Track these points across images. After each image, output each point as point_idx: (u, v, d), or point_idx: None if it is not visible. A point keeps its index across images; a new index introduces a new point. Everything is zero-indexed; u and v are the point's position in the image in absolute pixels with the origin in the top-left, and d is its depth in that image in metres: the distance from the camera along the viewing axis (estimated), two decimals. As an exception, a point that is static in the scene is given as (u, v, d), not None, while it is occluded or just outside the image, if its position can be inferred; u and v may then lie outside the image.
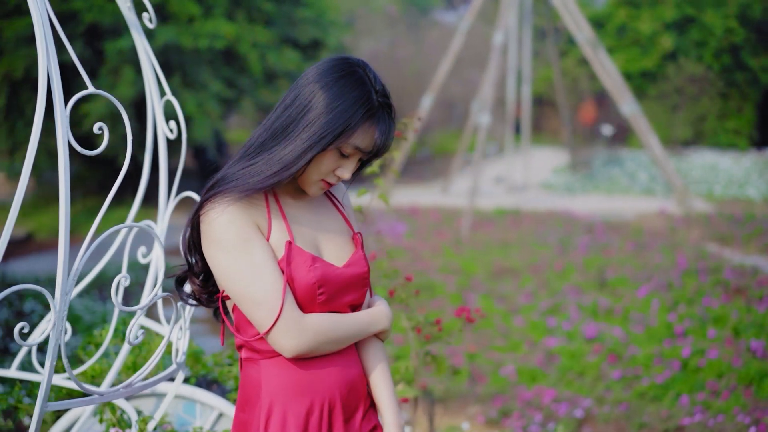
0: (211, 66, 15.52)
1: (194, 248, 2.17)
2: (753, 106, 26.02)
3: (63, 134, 1.86)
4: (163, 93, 2.91)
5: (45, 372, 1.89)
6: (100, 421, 2.79)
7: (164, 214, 2.84)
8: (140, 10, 2.77)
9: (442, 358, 3.53)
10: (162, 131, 2.88)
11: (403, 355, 6.26)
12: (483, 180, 18.31)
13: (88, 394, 2.17)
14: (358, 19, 26.73)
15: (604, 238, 11.76)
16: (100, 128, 1.95)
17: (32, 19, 1.92)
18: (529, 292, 8.77)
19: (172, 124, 2.86)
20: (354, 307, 2.26)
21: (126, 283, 2.11)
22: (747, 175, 19.12)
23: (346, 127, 2.06)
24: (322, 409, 2.14)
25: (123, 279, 2.13)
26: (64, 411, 3.08)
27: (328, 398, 2.15)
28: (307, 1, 17.89)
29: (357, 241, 2.30)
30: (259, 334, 2.10)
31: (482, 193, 16.11)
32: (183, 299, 2.27)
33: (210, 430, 3.10)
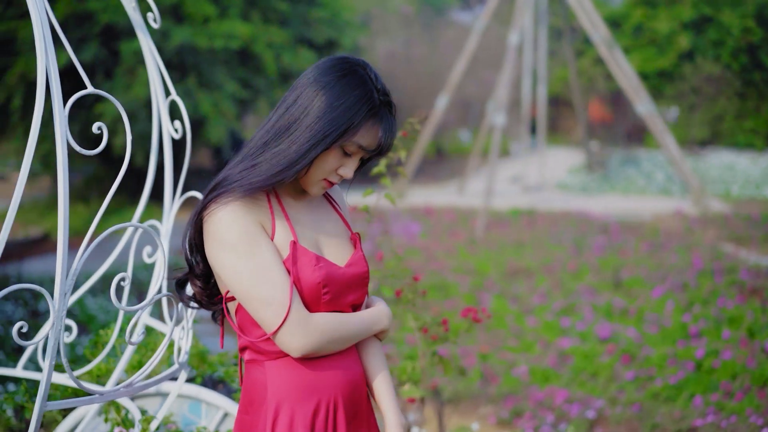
0: (227, 66, 15.55)
1: (196, 249, 2.17)
2: (770, 106, 25.90)
3: (62, 134, 1.86)
4: (168, 93, 2.91)
5: (44, 371, 1.89)
6: (105, 421, 2.80)
7: (169, 214, 2.84)
8: (146, 10, 2.78)
9: (448, 359, 3.52)
10: (167, 131, 2.88)
11: (415, 356, 6.25)
12: (499, 180, 18.28)
13: (89, 393, 2.17)
14: (373, 19, 26.73)
15: (620, 239, 11.72)
16: (99, 128, 1.96)
17: (32, 20, 1.92)
18: (543, 293, 8.75)
19: (177, 124, 2.86)
20: (355, 307, 2.26)
21: (127, 283, 2.11)
22: (764, 175, 19.03)
23: (350, 125, 2.07)
24: (327, 409, 2.15)
25: (123, 279, 2.13)
26: (71, 409, 3.09)
27: (333, 398, 2.15)
28: (322, 1, 17.91)
29: (355, 241, 2.30)
30: (265, 335, 2.09)
31: (497, 193, 16.07)
32: (183, 302, 2.27)
33: (215, 430, 3.10)
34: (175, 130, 2.87)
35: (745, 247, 10.99)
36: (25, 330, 1.85)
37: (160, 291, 2.34)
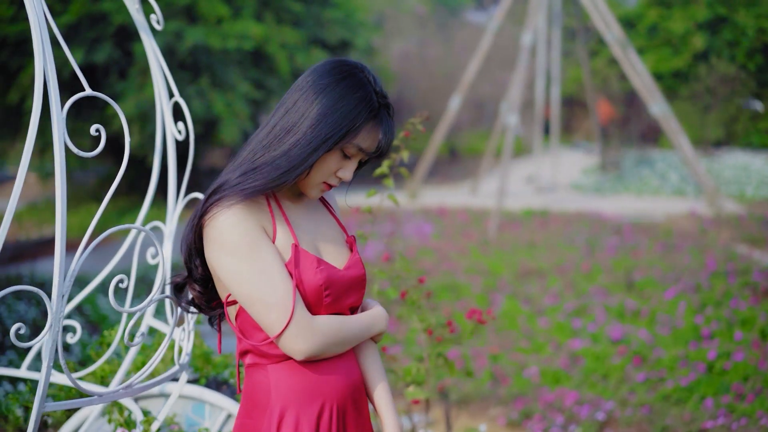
0: (240, 67, 15.58)
1: (195, 254, 2.16)
2: (786, 106, 25.75)
3: (59, 136, 1.86)
4: (172, 94, 2.92)
5: (42, 372, 1.90)
6: (109, 421, 2.81)
7: (173, 215, 2.85)
8: (149, 11, 2.78)
9: (452, 361, 3.52)
10: (171, 133, 2.88)
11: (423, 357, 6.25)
12: (513, 180, 18.25)
13: (88, 394, 2.17)
14: (388, 20, 26.72)
15: (633, 240, 11.68)
16: (97, 130, 1.96)
17: (30, 22, 1.93)
18: (555, 294, 8.73)
19: (181, 125, 2.87)
20: (353, 309, 2.27)
21: (131, 284, 2.12)
22: (779, 176, 18.92)
23: (351, 128, 2.08)
24: (331, 411, 2.15)
25: (122, 280, 2.14)
26: (76, 410, 3.10)
27: (336, 400, 2.16)
28: (336, 1, 17.92)
29: (351, 244, 2.31)
30: (267, 339, 2.09)
31: (511, 194, 16.04)
32: (181, 306, 2.27)
33: (218, 431, 3.10)
34: (179, 132, 2.87)
35: (758, 249, 10.93)
36: (22, 332, 1.85)
37: (162, 292, 2.33)
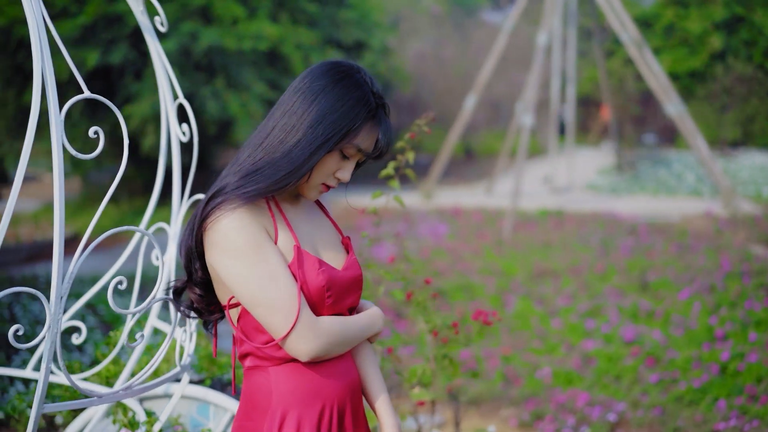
0: (255, 67, 15.61)
1: (196, 257, 2.16)
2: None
3: (57, 137, 1.87)
4: (176, 96, 2.93)
5: (41, 373, 1.91)
6: (113, 422, 2.82)
7: (177, 216, 2.86)
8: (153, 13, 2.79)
9: (458, 362, 3.52)
10: (175, 134, 2.89)
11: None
12: (529, 181, 18.21)
13: (87, 395, 2.18)
14: (403, 20, 26.73)
15: (648, 240, 11.63)
16: (96, 132, 1.97)
17: (28, 23, 1.94)
18: (569, 294, 8.71)
19: (185, 127, 2.88)
20: (351, 310, 2.29)
21: (124, 286, 2.12)
22: (797, 177, 18.81)
23: (351, 128, 2.10)
24: (332, 413, 2.16)
25: (121, 282, 2.14)
26: (81, 411, 3.12)
27: (336, 402, 2.17)
28: (351, 2, 17.94)
29: (347, 245, 2.32)
30: (270, 341, 2.10)
31: (526, 194, 16.01)
32: (180, 311, 2.28)
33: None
34: (183, 133, 2.88)
35: (774, 249, 10.88)
36: (21, 333, 1.86)
37: (157, 294, 2.33)
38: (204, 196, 2.13)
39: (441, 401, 5.59)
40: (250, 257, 2.04)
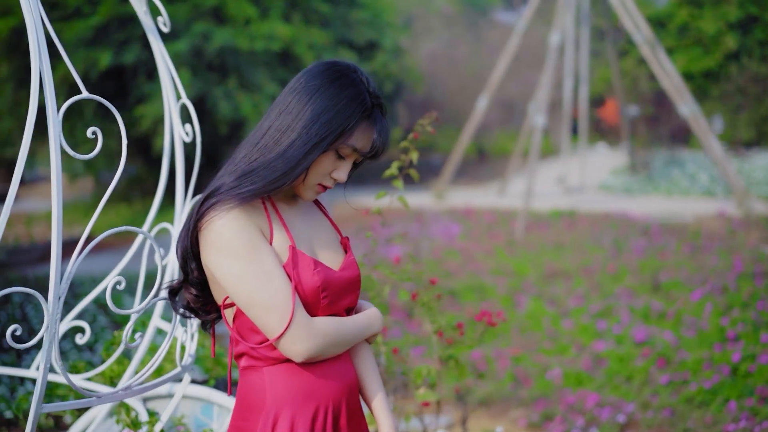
0: (267, 67, 15.63)
1: (192, 257, 2.16)
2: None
3: (55, 138, 1.88)
4: (179, 96, 2.93)
5: (39, 373, 1.91)
6: (117, 422, 2.83)
7: (180, 216, 2.86)
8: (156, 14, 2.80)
9: (463, 363, 3.51)
10: (178, 134, 2.89)
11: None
12: (542, 181, 18.18)
13: (87, 395, 2.19)
14: (416, 20, 26.71)
15: (660, 240, 11.59)
16: (94, 133, 1.97)
17: (26, 23, 1.94)
18: (581, 295, 8.68)
19: (188, 127, 2.88)
20: (349, 311, 2.28)
21: (122, 286, 2.12)
22: (811, 177, 18.70)
23: (346, 127, 2.10)
24: (326, 414, 2.16)
25: (119, 282, 2.15)
26: (85, 410, 3.13)
27: (331, 403, 2.17)
28: (364, 2, 17.94)
29: (346, 245, 2.32)
30: (265, 341, 2.10)
31: (538, 195, 15.98)
32: (176, 311, 2.28)
33: (226, 432, 3.11)
34: (186, 134, 2.88)
35: (788, 250, 10.83)
36: (18, 333, 1.87)
37: (157, 295, 2.33)
38: (200, 196, 2.14)
39: (449, 402, 5.59)
40: (245, 258, 2.04)
